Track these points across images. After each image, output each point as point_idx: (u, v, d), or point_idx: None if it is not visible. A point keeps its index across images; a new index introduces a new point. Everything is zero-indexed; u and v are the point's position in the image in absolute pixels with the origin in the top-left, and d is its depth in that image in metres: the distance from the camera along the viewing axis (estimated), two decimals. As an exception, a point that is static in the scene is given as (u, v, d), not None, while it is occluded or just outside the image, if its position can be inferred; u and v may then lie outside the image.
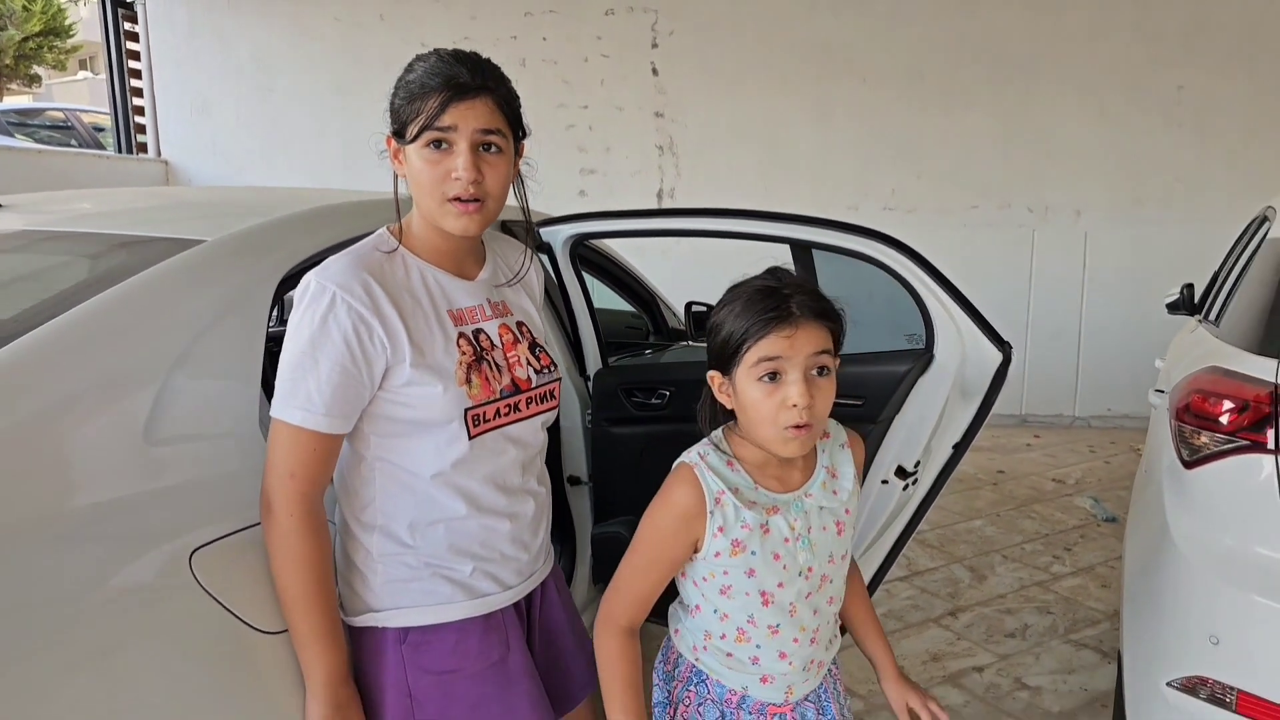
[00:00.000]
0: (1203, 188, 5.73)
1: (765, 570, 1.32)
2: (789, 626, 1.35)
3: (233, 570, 1.28)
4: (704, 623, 1.39)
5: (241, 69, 6.89)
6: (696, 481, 1.30)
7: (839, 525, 1.38)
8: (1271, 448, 1.89)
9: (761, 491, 1.33)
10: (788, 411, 1.23)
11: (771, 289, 1.27)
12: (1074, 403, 6.09)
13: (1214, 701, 1.95)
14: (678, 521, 1.31)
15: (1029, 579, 3.63)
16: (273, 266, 1.56)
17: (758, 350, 1.24)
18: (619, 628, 1.37)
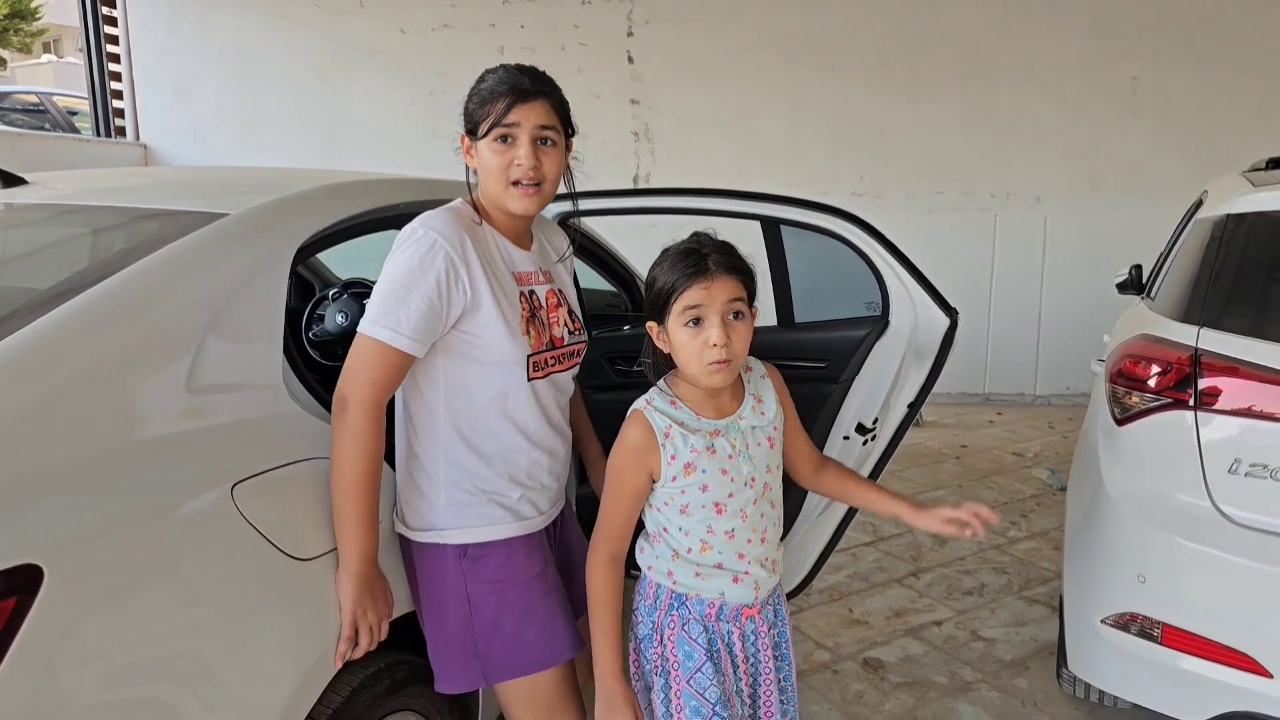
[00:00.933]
0: (1156, 174, 5.97)
1: (716, 484, 1.54)
2: (743, 529, 1.57)
3: (269, 502, 1.45)
4: (671, 543, 1.60)
5: (222, 54, 6.93)
6: (646, 421, 1.53)
7: (769, 440, 1.61)
8: (1191, 404, 2.10)
9: (704, 420, 1.56)
10: (709, 350, 1.46)
11: (692, 249, 1.51)
12: (1035, 381, 6.32)
13: (1143, 635, 2.15)
14: (633, 456, 1.54)
15: (987, 543, 3.84)
16: (290, 237, 1.71)
17: (682, 300, 1.48)
18: (601, 557, 1.59)
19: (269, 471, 1.48)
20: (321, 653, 1.48)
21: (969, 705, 2.66)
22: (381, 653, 1.66)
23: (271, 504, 1.46)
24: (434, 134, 6.64)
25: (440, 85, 6.55)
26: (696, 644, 1.58)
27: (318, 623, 1.49)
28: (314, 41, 6.78)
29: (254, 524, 1.41)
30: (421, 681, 1.74)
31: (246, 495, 1.42)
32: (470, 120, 1.59)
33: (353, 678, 1.58)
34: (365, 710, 1.59)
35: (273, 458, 1.51)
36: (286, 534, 1.46)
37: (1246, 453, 2.01)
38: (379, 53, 6.69)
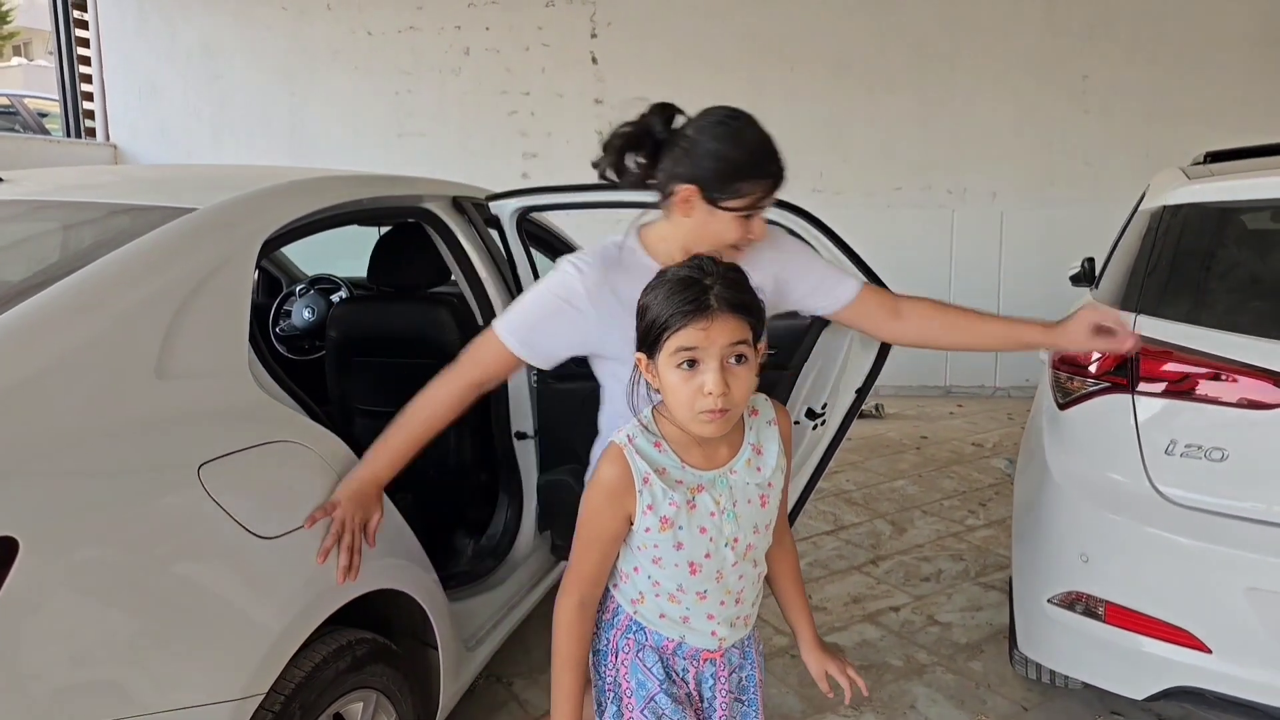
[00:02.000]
0: (1108, 169, 6.10)
1: (692, 543, 1.40)
2: (716, 591, 1.44)
3: (234, 482, 1.50)
4: (639, 585, 1.48)
5: (190, 55, 6.92)
6: (625, 461, 1.38)
7: (763, 499, 1.45)
8: (1129, 388, 2.16)
9: (688, 470, 1.40)
10: (704, 398, 1.30)
11: (692, 280, 1.31)
12: (994, 374, 6.43)
13: (1088, 614, 2.20)
14: (609, 498, 1.40)
15: (945, 530, 3.92)
16: (256, 231, 1.79)
17: (675, 340, 1.30)
18: (569, 602, 1.46)
19: (234, 454, 1.53)
20: (284, 628, 1.51)
21: (924, 687, 2.71)
22: (343, 630, 1.70)
23: (236, 484, 1.51)
24: (400, 133, 6.71)
25: (405, 85, 6.58)
26: (651, 674, 1.48)
27: (280, 600, 1.53)
28: (280, 43, 6.78)
29: (219, 503, 1.45)
30: (383, 660, 1.78)
31: (212, 475, 1.46)
32: (714, 185, 1.53)
33: (315, 654, 1.61)
34: (327, 686, 1.63)
35: (238, 441, 1.56)
36: (251, 513, 1.50)
37: (1181, 434, 2.07)
38: (345, 54, 6.69)
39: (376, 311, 3.02)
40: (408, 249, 2.83)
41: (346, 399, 3.02)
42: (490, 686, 2.72)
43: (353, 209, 2.26)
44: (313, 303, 3.93)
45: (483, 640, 2.41)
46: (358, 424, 3.00)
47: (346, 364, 2.99)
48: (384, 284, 3.01)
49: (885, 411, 5.89)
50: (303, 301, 3.98)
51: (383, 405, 2.96)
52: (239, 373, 1.66)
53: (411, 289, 2.94)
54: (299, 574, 1.58)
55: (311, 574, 1.60)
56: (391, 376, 2.90)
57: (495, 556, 2.72)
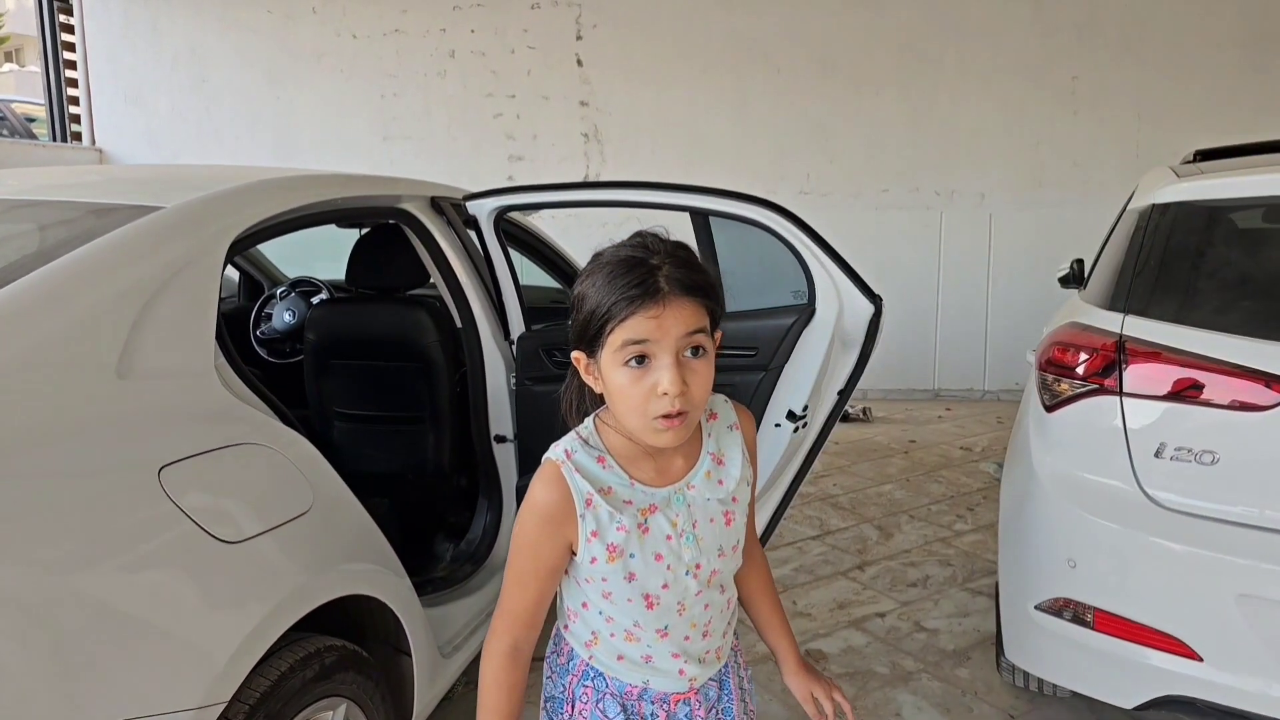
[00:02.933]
0: (1097, 170, 6.10)
1: (647, 573, 1.20)
2: (679, 625, 1.25)
3: (196, 485, 1.45)
4: (590, 623, 1.28)
5: (176, 59, 6.87)
6: (563, 481, 1.17)
7: (727, 516, 1.24)
8: (1117, 390, 2.13)
9: (638, 488, 1.20)
10: (657, 400, 1.10)
11: (636, 260, 1.11)
12: (983, 377, 6.41)
13: (1076, 621, 2.15)
14: (546, 525, 1.19)
15: (933, 535, 3.88)
16: (224, 230, 1.76)
17: (622, 332, 1.09)
18: (500, 648, 1.24)
19: (196, 456, 1.49)
20: (247, 635, 1.46)
21: (909, 695, 2.67)
22: (312, 637, 1.65)
23: (198, 487, 1.46)
24: (385, 136, 6.67)
25: (391, 89, 6.55)
26: None
27: (243, 606, 1.48)
28: (266, 47, 6.74)
29: (180, 506, 1.41)
30: (353, 668, 1.74)
31: (174, 478, 1.42)
32: None
33: (281, 662, 1.56)
34: (294, 695, 1.58)
35: (201, 443, 1.52)
36: (213, 517, 1.46)
37: (1171, 437, 2.03)
38: (330, 57, 6.65)
39: (354, 314, 2.97)
40: (386, 250, 2.79)
41: (325, 402, 2.97)
42: (469, 694, 2.67)
43: (326, 209, 2.22)
44: (294, 305, 3.88)
45: (460, 646, 2.36)
46: (337, 428, 2.97)
47: (325, 367, 2.94)
48: (362, 286, 2.97)
49: (873, 415, 5.86)
50: (284, 304, 3.92)
51: (362, 409, 2.97)
52: (204, 374, 1.63)
53: (390, 291, 2.90)
54: (263, 579, 1.54)
55: (276, 579, 1.56)
56: (370, 380, 2.90)
57: (474, 561, 2.69)
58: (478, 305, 2.67)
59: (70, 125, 7.31)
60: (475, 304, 2.67)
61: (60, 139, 7.35)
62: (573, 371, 1.22)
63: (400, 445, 2.90)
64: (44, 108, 7.56)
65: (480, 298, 2.69)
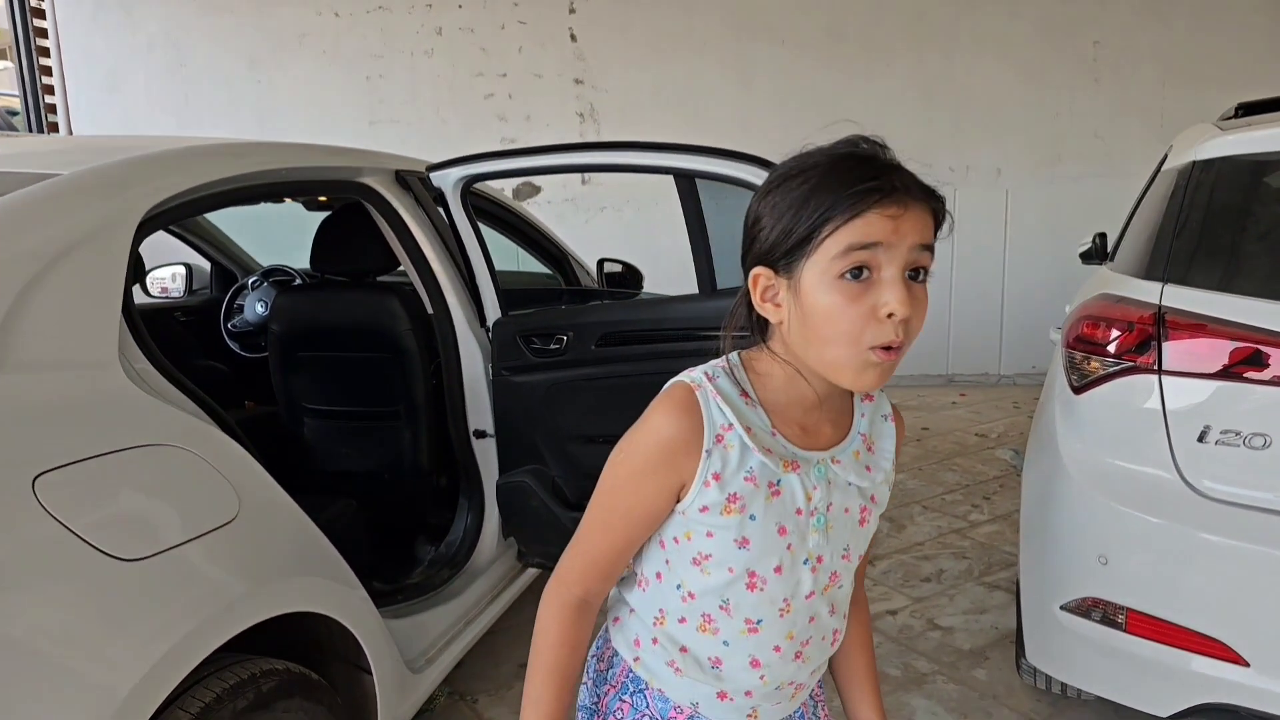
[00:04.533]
0: (1120, 141, 5.83)
1: (764, 544, 0.98)
2: (774, 626, 1.02)
3: (84, 495, 1.27)
4: (659, 598, 1.06)
5: (151, 44, 6.67)
6: (696, 407, 0.96)
7: (864, 512, 1.04)
8: (1155, 368, 1.91)
9: (780, 439, 0.98)
10: (879, 325, 0.88)
11: (865, 157, 0.94)
12: (999, 361, 6.18)
13: (1106, 622, 1.98)
14: (661, 456, 0.96)
15: (947, 527, 3.67)
16: (133, 202, 1.56)
17: (849, 233, 0.88)
18: (566, 598, 1.04)
19: (86, 461, 1.29)
20: (154, 664, 1.27)
21: (924, 699, 2.47)
22: (248, 660, 1.48)
23: (88, 497, 1.27)
24: (372, 120, 6.45)
25: (377, 70, 6.34)
26: None
27: (148, 631, 1.29)
28: (245, 28, 6.51)
29: (62, 520, 1.21)
30: (299, 693, 1.56)
31: (53, 488, 1.22)
32: None
33: (205, 692, 1.39)
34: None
35: (94, 445, 1.32)
36: (108, 531, 1.27)
37: (1217, 419, 1.84)
38: (312, 37, 6.43)
39: (320, 302, 2.79)
40: (353, 232, 2.60)
41: (294, 398, 2.80)
42: (453, 705, 2.53)
43: (266, 181, 2.02)
44: (266, 295, 3.71)
45: (434, 659, 2.20)
46: (307, 425, 2.81)
47: (292, 360, 2.77)
48: (328, 271, 2.79)
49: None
50: (255, 295, 3.75)
51: (332, 404, 2.77)
52: (104, 365, 1.43)
53: (359, 276, 2.72)
54: (175, 600, 1.34)
55: (194, 598, 1.37)
56: (340, 373, 2.71)
57: (452, 566, 2.51)
58: (450, 289, 2.47)
59: (47, 116, 7.14)
60: (448, 288, 2.47)
61: (38, 130, 7.17)
62: (741, 300, 1.00)
63: (375, 442, 2.73)
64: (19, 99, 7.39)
65: (453, 281, 2.49)
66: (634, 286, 3.35)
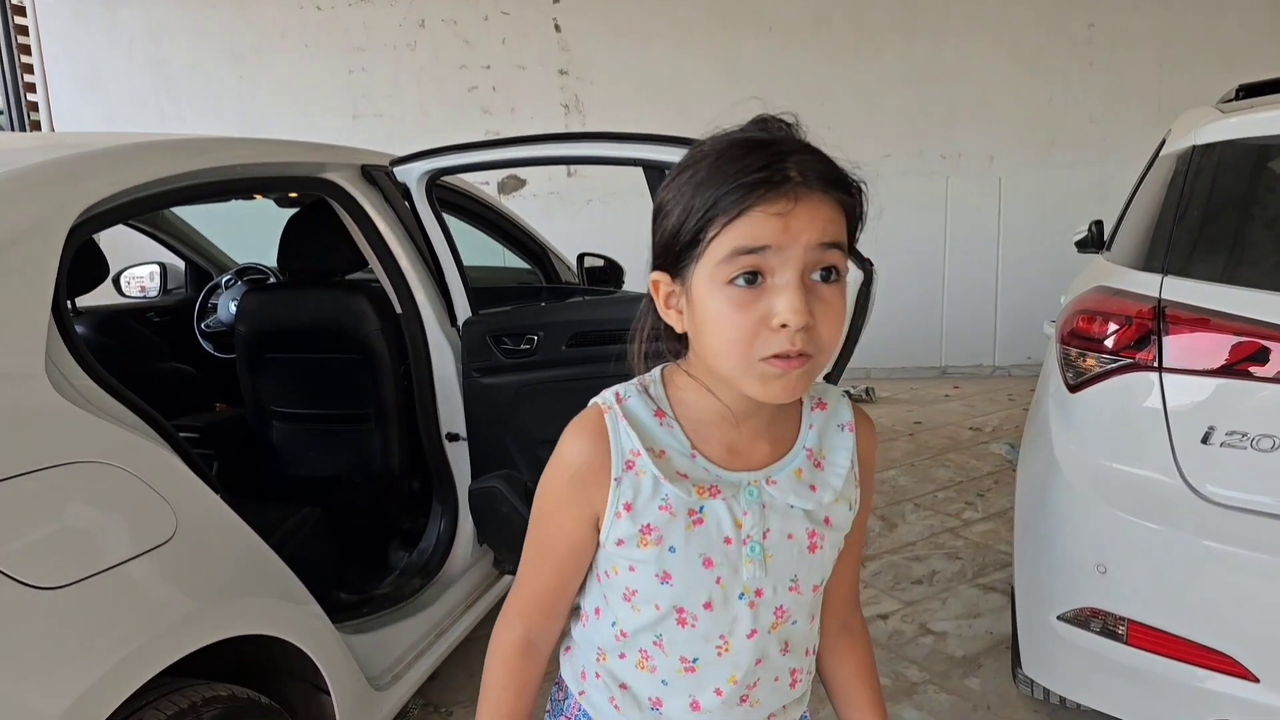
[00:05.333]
0: (1117, 126, 5.73)
1: (687, 579, 0.89)
2: (713, 666, 0.93)
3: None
4: (598, 633, 0.99)
5: (133, 40, 6.57)
6: (603, 432, 0.89)
7: (813, 538, 0.92)
8: (1155, 365, 1.81)
9: (700, 462, 0.90)
10: (771, 335, 0.80)
11: (757, 141, 0.84)
12: (993, 352, 6.09)
13: (1106, 634, 1.89)
14: (570, 488, 0.91)
15: (940, 526, 3.58)
16: (63, 203, 1.48)
17: (733, 234, 0.79)
18: (508, 637, 0.99)
19: (1, 482, 1.19)
20: (76, 699, 1.19)
21: (914, 710, 2.38)
22: (189, 687, 1.39)
23: (1, 521, 1.18)
24: (355, 114, 6.33)
25: (359, 63, 6.24)
26: None
27: (68, 665, 1.20)
28: (226, 23, 6.41)
29: None
30: (246, 718, 1.48)
31: None
32: None
33: None
34: None
35: (10, 465, 1.22)
36: (22, 558, 1.18)
37: (1222, 419, 1.73)
38: (294, 32, 6.33)
39: (286, 302, 2.72)
40: (319, 230, 2.52)
41: (261, 400, 2.73)
42: (427, 717, 2.41)
43: (219, 179, 1.92)
44: (239, 295, 3.60)
45: (402, 674, 2.11)
46: (275, 429, 2.72)
47: (259, 361, 2.70)
48: (295, 270, 2.72)
49: (876, 395, 5.56)
50: (229, 294, 3.66)
51: (301, 407, 2.68)
52: (28, 378, 1.33)
53: (326, 275, 2.64)
54: (100, 629, 1.25)
55: (122, 626, 1.28)
56: (308, 375, 2.62)
57: (424, 575, 2.43)
58: (420, 288, 2.39)
59: (29, 114, 7.04)
60: (417, 287, 2.39)
61: (19, 129, 7.06)
62: (646, 306, 0.92)
63: (344, 446, 2.65)
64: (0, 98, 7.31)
65: (423, 280, 2.41)
66: (615, 282, 3.26)
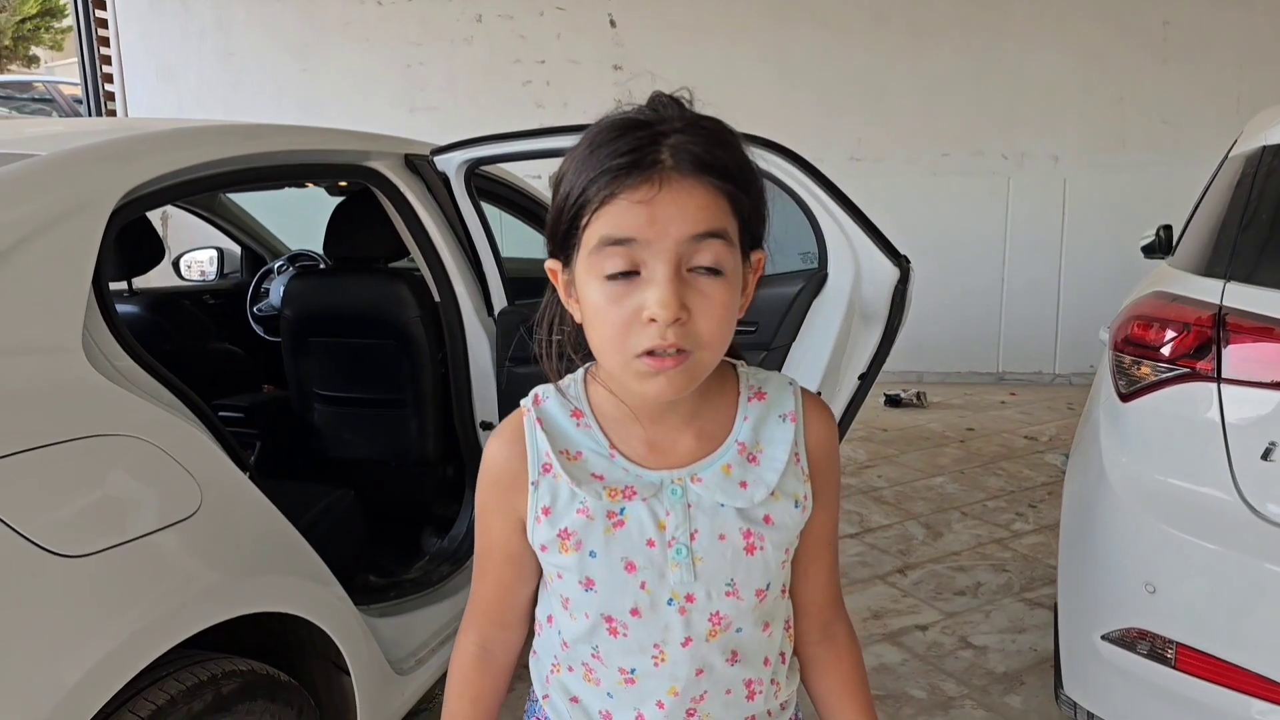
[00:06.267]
0: (1190, 127, 5.49)
1: (610, 585, 0.86)
2: (651, 678, 0.90)
3: (25, 487, 1.22)
4: (550, 644, 0.97)
5: (204, 33, 6.75)
6: (521, 435, 0.88)
7: (749, 538, 0.87)
8: (1214, 375, 1.72)
9: (619, 462, 0.87)
10: (643, 329, 0.76)
11: (634, 123, 0.79)
12: (1053, 359, 5.90)
13: (1153, 657, 1.80)
14: (493, 491, 0.91)
15: (987, 536, 3.47)
16: (109, 184, 1.52)
17: (600, 223, 0.77)
18: (465, 645, 1.00)
19: (28, 452, 1.24)
20: (94, 665, 1.22)
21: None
22: (208, 661, 1.42)
23: (28, 489, 1.22)
24: (412, 107, 6.41)
25: (417, 58, 6.35)
26: None
27: (88, 631, 1.24)
28: (290, 16, 6.55)
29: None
30: (263, 696, 1.51)
31: None
32: None
33: (158, 694, 1.33)
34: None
35: (41, 434, 1.27)
36: (51, 526, 1.22)
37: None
38: (355, 26, 6.47)
39: (330, 288, 2.81)
40: (364, 217, 2.57)
41: (304, 383, 2.82)
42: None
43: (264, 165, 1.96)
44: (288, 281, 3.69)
45: (426, 659, 2.12)
46: (316, 411, 2.82)
47: (303, 345, 2.76)
48: (340, 257, 2.80)
49: (928, 400, 5.42)
50: (280, 279, 3.73)
51: (341, 390, 2.72)
52: (66, 352, 1.38)
53: (369, 262, 2.69)
54: (122, 598, 1.29)
55: (143, 597, 1.32)
56: (349, 359, 2.69)
57: (453, 562, 2.45)
58: (459, 277, 2.42)
59: (106, 104, 7.30)
60: (455, 276, 2.42)
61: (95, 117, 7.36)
62: (550, 295, 0.90)
63: (381, 430, 2.69)
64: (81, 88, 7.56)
65: (461, 269, 2.44)
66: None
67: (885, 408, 5.28)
